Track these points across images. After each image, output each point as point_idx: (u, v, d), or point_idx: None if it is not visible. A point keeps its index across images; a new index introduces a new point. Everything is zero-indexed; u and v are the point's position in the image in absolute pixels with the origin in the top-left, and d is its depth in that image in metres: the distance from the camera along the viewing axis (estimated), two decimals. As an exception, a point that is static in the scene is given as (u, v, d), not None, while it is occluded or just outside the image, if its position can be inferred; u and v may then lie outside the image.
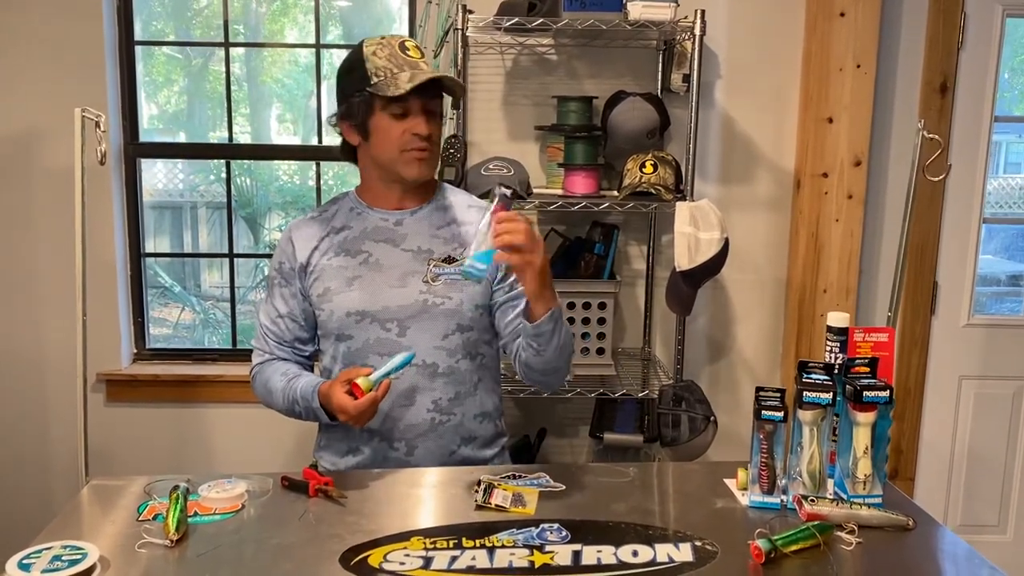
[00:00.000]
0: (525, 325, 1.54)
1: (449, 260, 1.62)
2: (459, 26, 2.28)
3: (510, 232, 1.39)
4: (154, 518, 1.27)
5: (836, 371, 1.38)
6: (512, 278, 1.62)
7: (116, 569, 1.13)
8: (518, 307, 1.61)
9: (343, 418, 1.48)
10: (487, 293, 1.64)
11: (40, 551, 1.13)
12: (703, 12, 2.21)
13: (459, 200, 1.73)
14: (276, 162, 3.84)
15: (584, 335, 2.37)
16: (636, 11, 2.19)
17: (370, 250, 1.64)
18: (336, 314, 1.61)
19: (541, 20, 2.22)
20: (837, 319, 1.48)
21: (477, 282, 1.53)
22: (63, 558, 1.11)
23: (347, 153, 1.70)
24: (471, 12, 2.27)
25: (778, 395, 1.33)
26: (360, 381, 1.44)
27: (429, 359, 1.60)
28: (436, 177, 1.76)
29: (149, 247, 2.84)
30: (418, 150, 1.58)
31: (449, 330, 1.60)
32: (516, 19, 2.23)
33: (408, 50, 1.58)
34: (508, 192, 1.45)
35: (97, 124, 1.74)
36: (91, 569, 1.10)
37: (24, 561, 1.10)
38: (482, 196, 1.86)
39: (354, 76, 1.59)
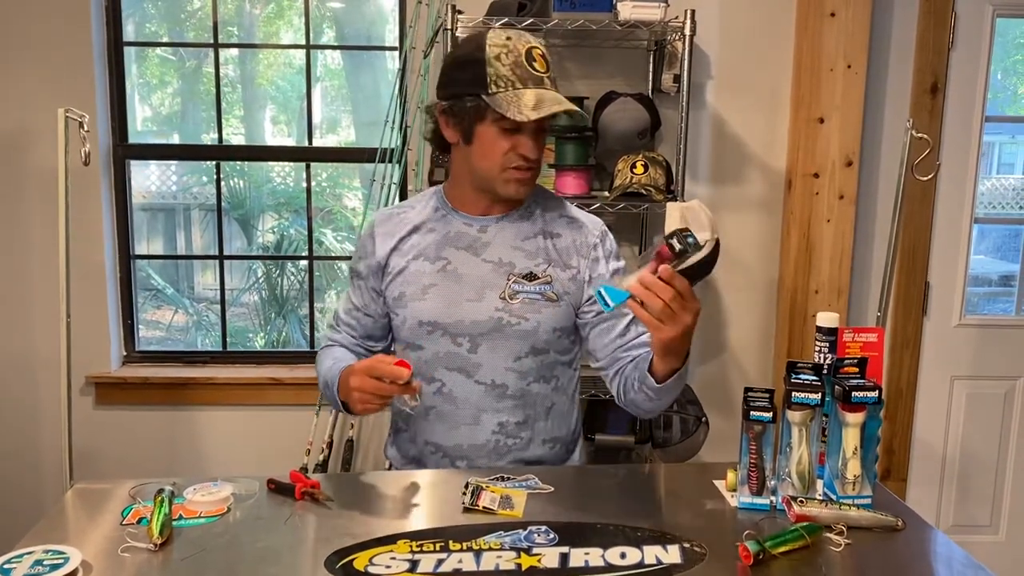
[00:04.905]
0: (647, 377, 1.41)
1: (530, 277, 1.52)
2: (449, 26, 2.28)
3: (647, 301, 1.24)
4: (138, 522, 1.26)
5: (825, 371, 1.37)
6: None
7: (99, 573, 1.12)
8: (616, 328, 1.52)
9: (354, 383, 1.37)
10: (569, 315, 1.54)
11: (21, 555, 1.11)
12: (693, 12, 2.21)
13: (550, 208, 1.60)
14: (269, 164, 3.83)
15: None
16: (626, 11, 2.19)
17: (449, 257, 1.54)
18: (408, 322, 1.54)
19: (531, 20, 2.22)
20: (826, 319, 1.47)
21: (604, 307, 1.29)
22: (44, 562, 1.09)
23: (438, 143, 1.56)
24: (460, 12, 2.27)
25: (767, 396, 1.32)
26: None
27: (499, 380, 1.53)
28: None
29: (143, 249, 2.83)
30: (521, 170, 1.47)
31: (522, 352, 1.52)
32: (505, 19, 2.22)
33: (534, 61, 1.43)
34: (675, 245, 1.22)
35: (81, 124, 1.73)
36: (73, 573, 1.09)
37: (5, 566, 1.08)
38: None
39: (469, 74, 1.43)
